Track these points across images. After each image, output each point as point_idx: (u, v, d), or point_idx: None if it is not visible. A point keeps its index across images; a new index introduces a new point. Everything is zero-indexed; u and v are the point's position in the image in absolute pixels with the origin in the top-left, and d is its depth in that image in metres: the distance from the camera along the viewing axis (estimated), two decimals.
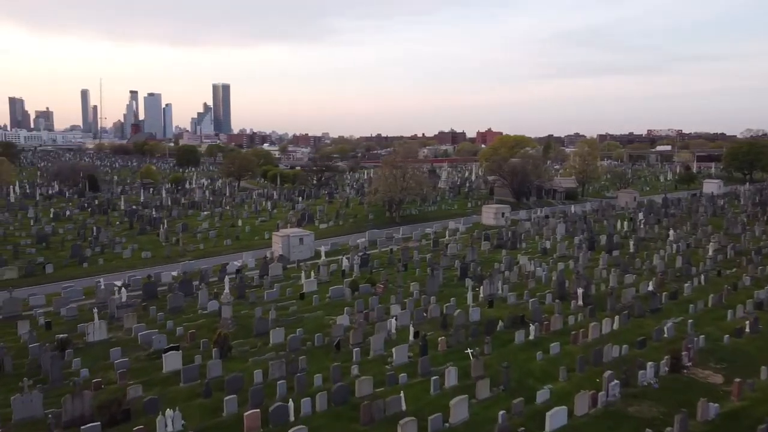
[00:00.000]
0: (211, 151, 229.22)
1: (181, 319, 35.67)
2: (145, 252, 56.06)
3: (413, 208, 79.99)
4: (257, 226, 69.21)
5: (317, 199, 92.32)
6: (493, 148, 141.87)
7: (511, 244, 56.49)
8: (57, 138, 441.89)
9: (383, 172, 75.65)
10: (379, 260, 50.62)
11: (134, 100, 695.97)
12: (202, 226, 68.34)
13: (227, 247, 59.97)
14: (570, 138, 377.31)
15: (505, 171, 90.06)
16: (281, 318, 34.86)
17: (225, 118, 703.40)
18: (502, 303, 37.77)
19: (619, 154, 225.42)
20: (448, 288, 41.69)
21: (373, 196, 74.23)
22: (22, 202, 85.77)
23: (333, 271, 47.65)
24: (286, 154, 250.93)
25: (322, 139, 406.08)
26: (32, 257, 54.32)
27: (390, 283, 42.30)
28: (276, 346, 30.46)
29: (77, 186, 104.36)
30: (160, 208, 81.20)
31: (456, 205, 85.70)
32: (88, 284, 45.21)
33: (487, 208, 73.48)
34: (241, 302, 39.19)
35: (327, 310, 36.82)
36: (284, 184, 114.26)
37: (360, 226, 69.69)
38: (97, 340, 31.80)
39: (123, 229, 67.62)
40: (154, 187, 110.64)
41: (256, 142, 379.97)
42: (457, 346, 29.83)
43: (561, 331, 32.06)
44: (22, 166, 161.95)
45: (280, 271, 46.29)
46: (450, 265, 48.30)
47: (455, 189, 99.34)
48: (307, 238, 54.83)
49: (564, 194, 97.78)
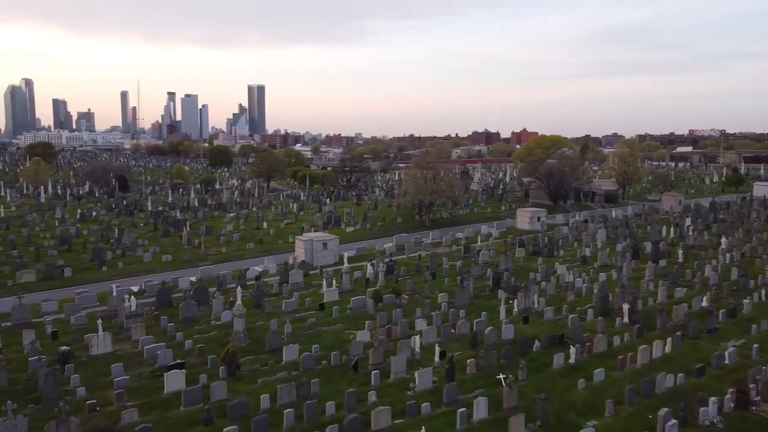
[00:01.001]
0: (244, 151, 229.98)
1: (192, 331, 33.54)
2: (166, 255, 54.45)
3: (444, 211, 76.87)
4: (282, 229, 67.15)
5: (345, 201, 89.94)
6: (528, 149, 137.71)
7: (548, 251, 52.95)
8: (97, 138, 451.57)
9: (413, 173, 72.77)
10: (406, 267, 47.80)
11: (172, 101, 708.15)
12: (226, 229, 66.62)
13: (250, 251, 58.01)
14: (608, 138, 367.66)
15: (541, 172, 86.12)
16: (297, 332, 32.37)
17: (260, 118, 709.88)
18: (539, 318, 34.51)
19: (661, 154, 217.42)
20: (479, 300, 38.59)
21: (402, 198, 71.43)
22: (51, 202, 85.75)
23: (357, 278, 45.11)
24: (318, 155, 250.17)
25: (355, 139, 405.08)
26: (53, 260, 53.30)
27: (416, 293, 39.45)
28: (289, 365, 27.95)
29: (108, 186, 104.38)
30: (186, 210, 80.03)
31: (489, 209, 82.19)
32: (104, 289, 43.66)
33: (522, 212, 69.87)
34: (257, 312, 36.91)
35: (347, 323, 34.20)
36: (314, 185, 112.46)
37: (388, 230, 66.96)
38: (101, 353, 29.83)
39: (147, 231, 66.41)
40: (184, 187, 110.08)
41: (289, 142, 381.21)
42: (488, 369, 26.81)
43: (605, 353, 28.68)
44: (59, 166, 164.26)
45: (300, 279, 43.90)
46: (482, 274, 45.15)
47: (488, 191, 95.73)
48: (331, 243, 52.37)
49: (603, 197, 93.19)
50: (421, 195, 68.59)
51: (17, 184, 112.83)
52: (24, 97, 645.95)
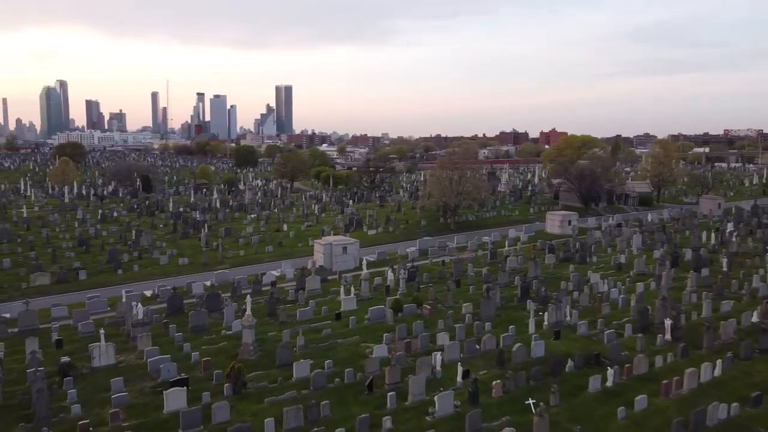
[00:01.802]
0: (270, 151, 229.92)
1: (201, 341, 31.81)
2: (183, 258, 53.13)
3: (470, 214, 74.20)
4: (303, 232, 65.40)
5: (368, 203, 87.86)
6: (557, 149, 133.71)
7: (580, 257, 50.04)
8: (128, 138, 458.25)
9: (438, 174, 70.32)
10: (429, 274, 45.46)
11: (201, 101, 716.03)
12: (246, 231, 65.13)
13: (269, 254, 56.33)
14: (639, 138, 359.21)
15: (572, 174, 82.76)
16: (311, 345, 30.36)
17: (287, 118, 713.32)
18: (571, 333, 31.88)
19: (696, 155, 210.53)
20: (506, 311, 36.08)
21: (426, 200, 69.04)
22: (74, 202, 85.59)
23: (377, 284, 42.97)
24: (344, 155, 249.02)
25: (381, 139, 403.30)
26: (70, 261, 52.40)
27: (439, 303, 37.10)
28: (299, 382, 25.93)
29: (132, 187, 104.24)
30: (207, 211, 78.93)
31: (517, 211, 79.16)
32: (117, 293, 42.28)
33: (552, 215, 66.89)
34: (269, 321, 35.04)
35: (364, 335, 32.07)
36: (337, 186, 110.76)
37: (411, 233, 64.67)
38: (104, 365, 28.25)
39: (167, 233, 65.34)
40: (208, 187, 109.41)
41: (315, 142, 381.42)
42: (516, 393, 24.37)
43: (647, 376, 25.97)
44: (87, 166, 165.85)
45: (317, 285, 41.93)
46: (509, 282, 42.58)
47: (517, 193, 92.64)
48: (351, 247, 50.34)
49: (637, 199, 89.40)
50: (446, 197, 66.14)
51: (44, 184, 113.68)
52: (59, 98, 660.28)
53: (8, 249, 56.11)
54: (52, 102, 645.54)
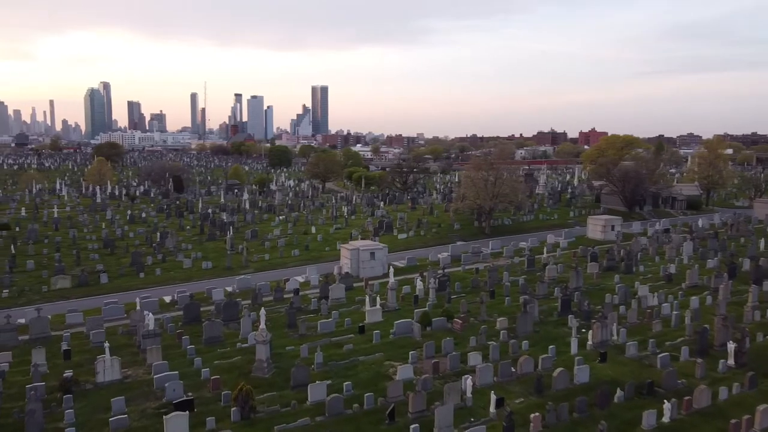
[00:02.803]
0: (304, 151, 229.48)
1: (214, 355, 29.74)
2: (206, 262, 51.51)
3: (506, 218, 70.77)
4: (331, 235, 63.18)
5: (400, 205, 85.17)
6: (598, 150, 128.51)
7: (626, 266, 46.38)
8: (167, 139, 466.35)
9: (472, 175, 67.19)
10: (461, 283, 42.55)
11: (238, 102, 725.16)
12: (273, 233, 63.30)
13: (294, 258, 54.29)
14: (683, 138, 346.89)
15: (615, 175, 78.43)
16: (330, 362, 27.90)
17: (323, 119, 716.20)
18: (619, 355, 28.59)
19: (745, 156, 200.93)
20: (545, 327, 32.96)
21: (459, 202, 65.97)
22: (105, 203, 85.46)
23: (406, 293, 40.34)
24: (378, 155, 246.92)
25: (416, 139, 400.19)
26: (94, 264, 51.38)
27: (471, 316, 34.24)
28: (313, 407, 23.49)
29: (164, 187, 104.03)
30: (236, 212, 77.57)
31: (556, 215, 75.32)
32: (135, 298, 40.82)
33: (594, 220, 63.01)
34: (288, 334, 32.78)
35: (389, 352, 29.46)
36: (370, 187, 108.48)
37: (443, 238, 61.77)
38: (108, 380, 26.37)
39: (193, 234, 64.02)
40: (239, 188, 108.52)
41: (350, 142, 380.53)
42: (557, 427, 21.42)
43: (709, 411, 22.65)
44: (125, 166, 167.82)
45: (342, 294, 39.52)
46: (548, 294, 39.37)
47: (555, 195, 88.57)
48: (380, 252, 47.81)
49: (684, 203, 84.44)
50: (481, 199, 62.96)
51: (81, 183, 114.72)
52: (102, 99, 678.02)
53: (34, 250, 55.54)
54: (95, 103, 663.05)
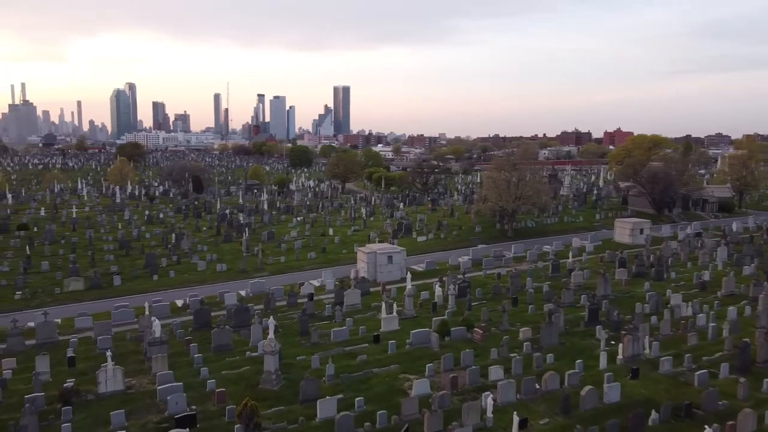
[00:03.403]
0: (325, 151, 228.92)
1: (222, 364, 28.48)
2: (221, 264, 50.48)
3: (529, 220, 68.64)
4: (349, 237, 61.77)
5: (420, 206, 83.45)
6: (625, 150, 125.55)
7: (656, 272, 44.11)
8: (191, 139, 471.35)
9: (495, 176, 65.22)
10: (482, 289, 40.75)
11: (261, 102, 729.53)
12: (290, 235, 62.14)
13: (311, 261, 53.01)
14: (711, 138, 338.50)
15: (644, 176, 75.69)
16: (342, 374, 26.42)
17: (345, 119, 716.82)
18: (652, 371, 26.61)
19: None
20: (571, 338, 31.05)
21: (481, 204, 64.03)
22: (123, 203, 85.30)
23: (424, 299, 38.73)
24: (399, 155, 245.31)
25: (438, 139, 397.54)
26: (108, 265, 50.70)
27: (492, 325, 32.50)
28: (323, 424, 22.04)
29: (183, 187, 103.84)
30: (253, 213, 76.68)
31: (581, 217, 72.85)
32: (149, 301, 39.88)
33: (622, 223, 60.60)
34: (300, 342, 31.40)
35: (405, 364, 27.87)
36: (390, 188, 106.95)
37: (464, 241, 59.92)
38: (110, 391, 25.25)
39: (209, 236, 63.16)
40: (259, 188, 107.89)
41: (371, 142, 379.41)
42: None
43: None
44: (147, 166, 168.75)
45: (358, 300, 38.05)
46: (574, 302, 37.40)
47: (581, 197, 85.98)
48: (398, 256, 46.25)
49: (716, 205, 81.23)
50: (503, 201, 60.93)
51: (102, 183, 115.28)
52: (127, 100, 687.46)
53: (50, 250, 55.16)
54: (121, 104, 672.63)
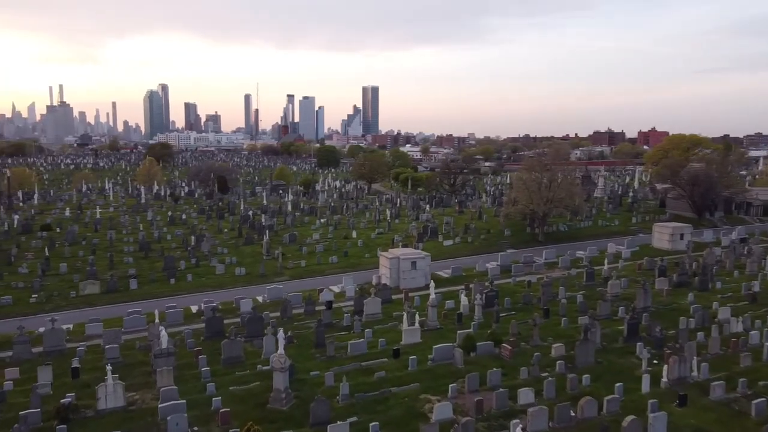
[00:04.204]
0: (353, 152, 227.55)
1: (230, 378, 26.75)
2: (239, 268, 49.01)
3: (561, 224, 65.65)
4: (372, 240, 59.80)
5: (447, 208, 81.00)
6: (662, 150, 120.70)
7: (700, 282, 41.02)
8: (221, 139, 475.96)
9: (525, 177, 62.51)
10: (511, 298, 38.29)
11: (290, 103, 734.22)
12: (312, 238, 60.47)
13: (332, 265, 51.17)
14: (750, 138, 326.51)
15: (683, 178, 71.89)
16: (357, 393, 24.37)
17: (373, 119, 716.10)
18: (702, 397, 23.91)
19: None
20: (609, 356, 28.44)
21: (510, 207, 61.36)
22: (147, 203, 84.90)
23: (449, 308, 36.52)
24: (427, 155, 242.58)
25: (467, 139, 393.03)
26: (127, 268, 49.70)
27: (522, 340, 30.10)
28: None
29: (209, 187, 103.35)
30: (276, 214, 75.35)
31: (617, 221, 69.42)
32: (163, 307, 38.56)
33: (661, 227, 57.25)
34: (315, 355, 29.48)
35: (426, 382, 25.70)
36: (417, 189, 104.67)
37: (492, 245, 57.32)
38: (110, 407, 23.70)
39: (231, 237, 61.97)
40: (284, 189, 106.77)
41: (399, 142, 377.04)
42: None
43: None
44: (175, 166, 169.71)
45: (378, 309, 35.99)
46: (611, 314, 34.70)
47: (616, 199, 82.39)
48: (422, 262, 44.05)
49: (761, 209, 76.81)
50: (534, 204, 58.19)
51: (128, 183, 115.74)
52: (160, 101, 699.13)
53: (70, 252, 54.58)
54: (154, 105, 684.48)
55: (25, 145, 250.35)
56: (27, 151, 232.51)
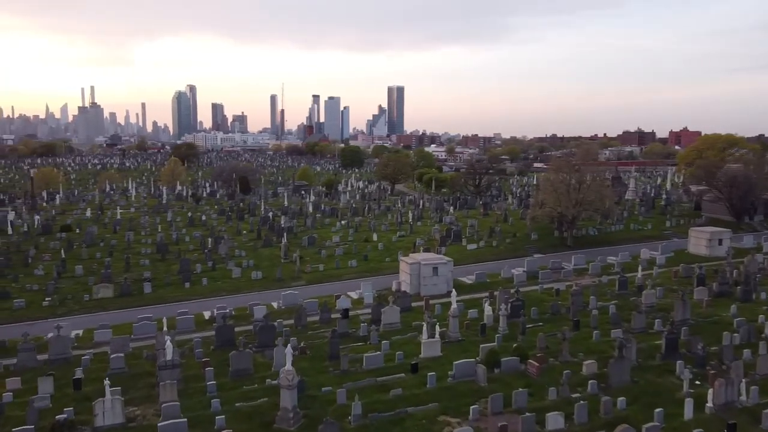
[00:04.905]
0: (377, 152, 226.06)
1: (237, 393, 25.20)
2: (256, 272, 47.68)
3: (591, 227, 62.93)
4: (393, 243, 57.98)
5: (471, 210, 78.73)
6: (696, 150, 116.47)
7: (743, 292, 38.23)
8: (248, 139, 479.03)
9: (553, 178, 60.03)
10: (538, 308, 36.10)
11: (316, 103, 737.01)
12: (331, 240, 58.92)
13: (351, 269, 49.54)
14: None
15: (720, 180, 68.46)
16: (371, 414, 22.60)
17: (398, 119, 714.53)
18: (753, 425, 21.54)
19: None
20: (646, 375, 26.13)
21: (537, 209, 58.91)
22: (167, 204, 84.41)
23: (472, 318, 34.54)
24: (452, 156, 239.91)
25: (493, 139, 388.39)
26: (142, 270, 48.78)
27: (550, 355, 27.95)
28: None
29: (231, 188, 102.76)
30: (297, 215, 74.06)
31: (650, 224, 66.35)
32: (175, 312, 37.39)
33: (698, 232, 54.23)
34: (328, 368, 27.78)
35: (445, 402, 23.78)
36: (441, 190, 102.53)
37: (518, 249, 55.07)
38: (108, 424, 22.34)
39: (249, 239, 60.79)
40: (306, 190, 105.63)
41: (424, 142, 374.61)
42: None
43: None
44: (200, 166, 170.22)
45: (396, 318, 34.16)
46: (647, 327, 32.30)
47: (648, 201, 79.10)
48: (444, 267, 42.08)
49: None
50: (562, 206, 55.69)
51: (150, 183, 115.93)
52: (188, 102, 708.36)
53: (87, 253, 53.94)
54: (182, 105, 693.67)
55: (56, 145, 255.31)
56: (57, 151, 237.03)
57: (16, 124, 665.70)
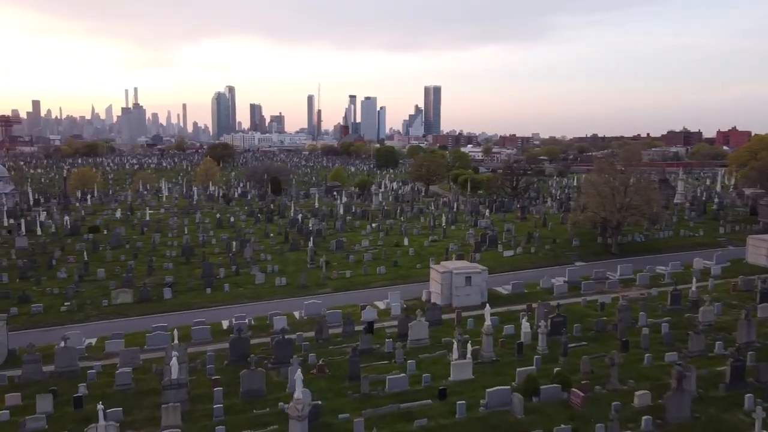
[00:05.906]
0: (413, 152, 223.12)
1: (246, 418, 22.96)
2: (280, 278, 45.66)
3: (638, 233, 58.81)
4: (425, 248, 55.23)
5: (508, 213, 75.23)
6: (749, 151, 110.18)
7: None
8: (285, 139, 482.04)
9: (595, 180, 56.31)
10: (581, 324, 32.86)
11: (352, 104, 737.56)
12: (361, 244, 56.53)
13: (379, 276, 47.02)
14: None
15: None
16: None
17: (435, 119, 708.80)
18: None
19: None
20: (708, 409, 22.78)
21: (579, 214, 55.28)
22: (198, 204, 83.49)
23: (508, 334, 31.59)
24: (489, 156, 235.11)
25: (531, 139, 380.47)
26: (165, 274, 47.35)
27: (596, 383, 24.80)
28: None
29: (262, 188, 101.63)
30: (326, 217, 72.00)
31: (701, 231, 61.74)
32: (192, 320, 35.60)
33: (757, 240, 49.74)
34: (347, 391, 25.27)
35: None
36: (477, 191, 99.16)
37: (559, 257, 51.61)
38: None
39: (277, 243, 58.88)
40: (339, 190, 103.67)
41: (461, 143, 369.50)
42: None
43: None
44: (235, 166, 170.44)
45: (425, 333, 31.46)
46: (707, 349, 28.76)
47: (699, 206, 74.16)
48: (477, 277, 39.14)
49: None
50: (606, 211, 51.96)
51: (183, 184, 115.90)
52: (227, 102, 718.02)
53: (111, 256, 52.92)
54: (221, 106, 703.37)
55: (98, 145, 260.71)
56: (99, 151, 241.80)
57: (64, 125, 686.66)
